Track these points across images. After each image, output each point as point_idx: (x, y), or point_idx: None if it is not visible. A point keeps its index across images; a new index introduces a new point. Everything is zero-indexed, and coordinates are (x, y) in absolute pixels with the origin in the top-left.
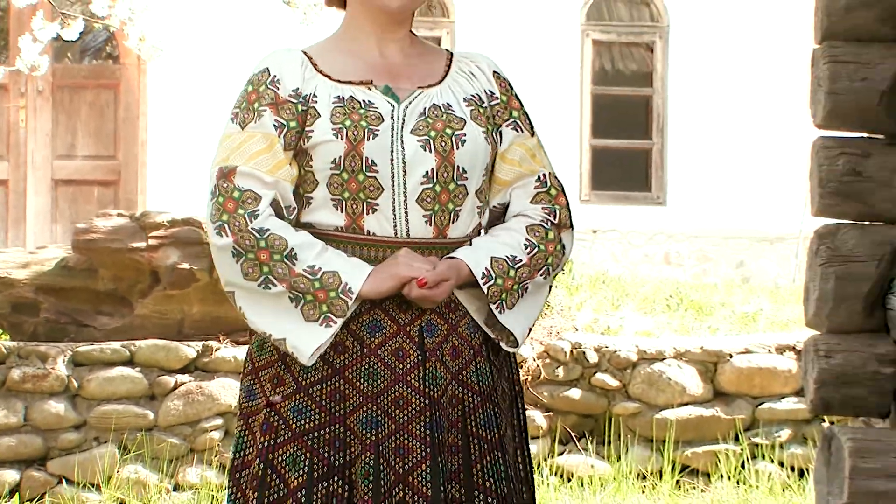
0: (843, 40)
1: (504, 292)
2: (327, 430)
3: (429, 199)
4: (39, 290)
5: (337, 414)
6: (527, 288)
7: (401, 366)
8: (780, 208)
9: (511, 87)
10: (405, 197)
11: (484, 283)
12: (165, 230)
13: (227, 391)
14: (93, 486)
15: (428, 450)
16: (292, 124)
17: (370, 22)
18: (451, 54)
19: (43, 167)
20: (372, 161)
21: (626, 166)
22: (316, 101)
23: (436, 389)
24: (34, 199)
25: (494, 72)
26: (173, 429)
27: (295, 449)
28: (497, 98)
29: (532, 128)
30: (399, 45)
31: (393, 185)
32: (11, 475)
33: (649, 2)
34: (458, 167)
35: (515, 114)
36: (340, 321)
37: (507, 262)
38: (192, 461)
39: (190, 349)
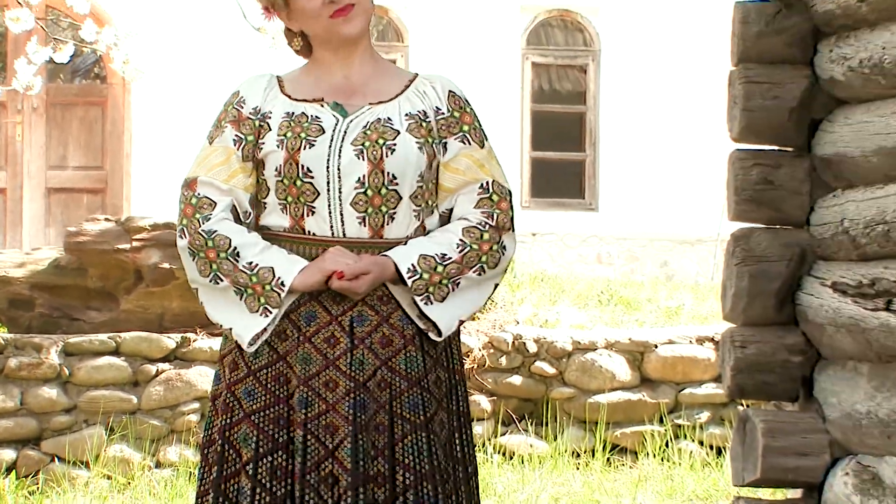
0: (757, 63)
1: (431, 286)
2: (272, 409)
3: (361, 203)
4: (34, 287)
5: (281, 395)
6: (458, 283)
7: (332, 352)
8: (699, 213)
9: (465, 105)
10: (340, 201)
11: (409, 278)
12: (148, 233)
13: (203, 378)
14: (82, 464)
15: (350, 428)
16: (250, 138)
17: (331, 51)
18: (416, 76)
19: (37, 176)
20: (308, 168)
21: (562, 176)
22: (270, 117)
23: (362, 374)
24: (29, 206)
25: (450, 91)
26: (155, 412)
27: (246, 427)
28: (444, 114)
29: (482, 141)
30: (361, 66)
31: (328, 190)
32: (9, 454)
33: (583, 28)
34: (388, 174)
35: (466, 128)
36: (276, 311)
37: (435, 259)
38: (172, 441)
39: (170, 340)
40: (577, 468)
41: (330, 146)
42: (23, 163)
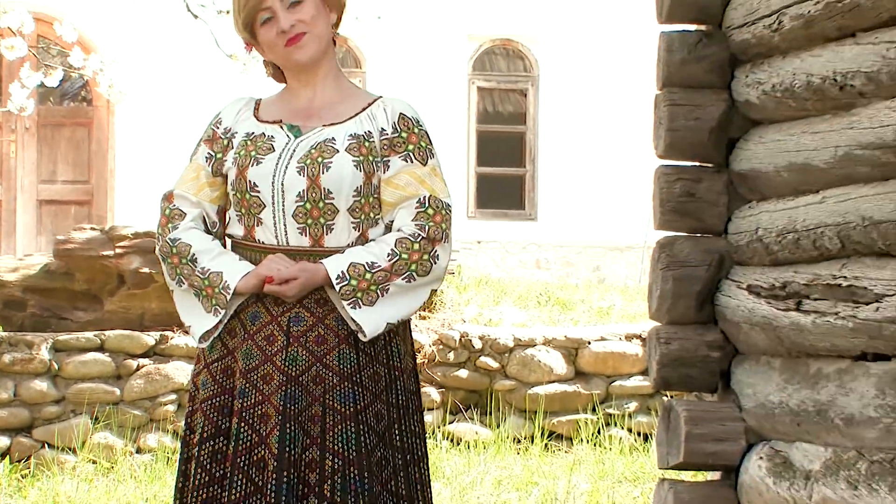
0: (680, 87)
1: (359, 292)
2: (218, 398)
3: (302, 215)
4: (27, 290)
5: (227, 386)
6: (387, 289)
7: (269, 348)
8: (628, 223)
9: (414, 126)
10: (283, 213)
11: (337, 284)
12: (129, 241)
13: (179, 372)
14: (70, 450)
15: (280, 417)
16: (219, 155)
17: (294, 76)
18: (377, 99)
19: (29, 190)
20: (254, 183)
21: (504, 189)
22: (235, 137)
23: (295, 369)
24: (22, 216)
25: (401, 113)
26: (136, 403)
27: (199, 414)
28: (389, 134)
29: (426, 159)
30: (323, 90)
31: (273, 203)
32: (3, 441)
33: (523, 56)
34: (324, 189)
35: (411, 147)
36: (222, 311)
37: (364, 267)
38: (152, 429)
39: (149, 338)
40: (518, 453)
41: (277, 164)
42: (16, 177)
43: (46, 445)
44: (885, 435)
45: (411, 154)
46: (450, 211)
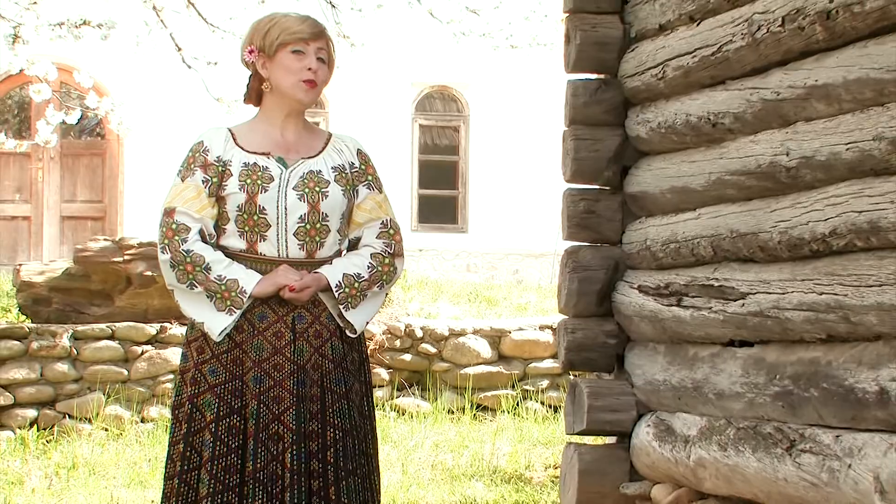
0: (583, 125)
1: (350, 297)
2: (230, 384)
3: (301, 234)
4: (51, 289)
5: (237, 373)
6: (366, 295)
7: (278, 343)
8: (542, 234)
9: (369, 160)
10: (286, 231)
11: (336, 291)
12: (135, 250)
13: (177, 356)
14: (86, 420)
15: (293, 399)
16: (214, 180)
17: (279, 111)
18: (331, 135)
19: (54, 208)
20: (263, 207)
21: (441, 207)
22: (231, 165)
23: (301, 359)
24: (48, 229)
25: (358, 149)
26: (140, 381)
27: (210, 396)
28: (357, 167)
29: (381, 187)
30: (295, 127)
31: (278, 224)
32: (31, 412)
33: (456, 99)
34: (322, 213)
35: (370, 178)
36: (239, 312)
37: (353, 278)
38: (154, 403)
39: (152, 328)
40: (452, 422)
41: (279, 191)
42: (43, 198)
43: (67, 416)
44: (748, 407)
45: (371, 183)
46: (400, 230)
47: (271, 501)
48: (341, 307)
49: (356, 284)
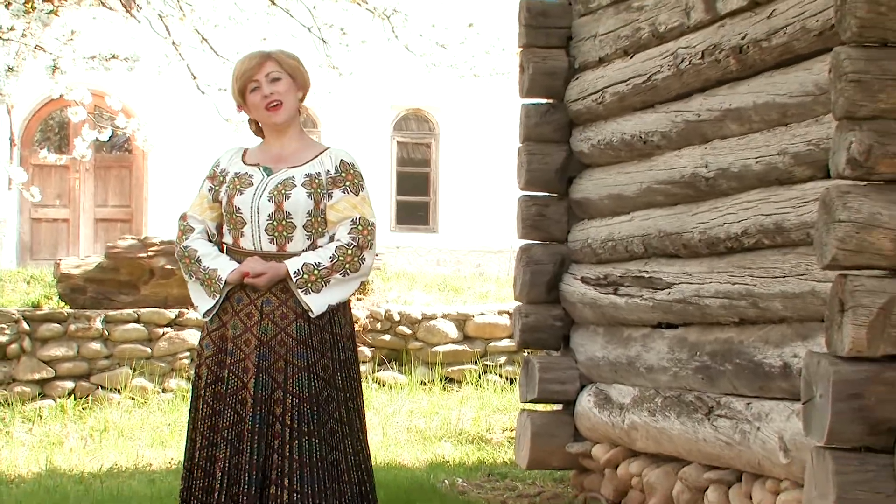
0: (535, 141)
1: (309, 283)
2: (217, 356)
3: (270, 230)
4: (86, 280)
5: (222, 347)
6: (329, 281)
7: (248, 322)
8: (501, 234)
9: (350, 168)
10: (258, 227)
11: (294, 277)
12: (157, 247)
13: (192, 337)
14: (116, 390)
15: (256, 370)
16: (216, 188)
17: (270, 131)
18: (327, 148)
19: (89, 211)
20: (238, 207)
21: (415, 211)
22: (227, 175)
23: (266, 336)
24: (83, 230)
25: (341, 159)
26: (162, 358)
27: (204, 368)
28: (332, 174)
29: (358, 191)
30: (290, 142)
31: (251, 222)
32: (69, 384)
33: (428, 120)
34: (286, 212)
35: (348, 183)
36: (217, 296)
37: (312, 266)
38: (173, 376)
39: (171, 313)
40: (424, 392)
41: (254, 194)
42: (79, 203)
43: (99, 387)
44: (673, 379)
45: (348, 187)
46: (374, 227)
47: (236, 456)
48: (300, 291)
49: (315, 272)
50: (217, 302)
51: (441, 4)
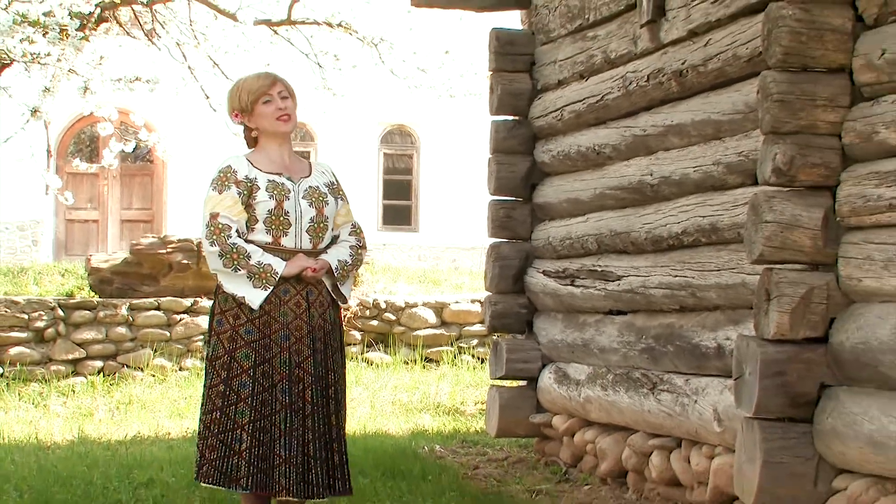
0: (503, 153)
1: (342, 277)
2: (262, 340)
3: (311, 231)
4: (113, 273)
5: (266, 332)
6: (349, 275)
7: (298, 310)
8: (474, 233)
9: (338, 181)
10: (301, 228)
11: (336, 272)
12: (175, 244)
13: (205, 322)
14: (139, 369)
15: (310, 351)
16: (244, 193)
17: (272, 139)
18: (309, 162)
19: (115, 213)
20: (286, 210)
21: (399, 214)
22: (257, 181)
23: (312, 322)
24: (111, 229)
25: (333, 172)
26: (179, 340)
27: (247, 350)
28: (334, 185)
29: (347, 201)
30: (288, 154)
31: (295, 223)
32: (98, 363)
33: (410, 134)
34: (325, 216)
35: (342, 193)
36: (270, 287)
37: (344, 262)
38: (188, 356)
39: (187, 302)
40: (407, 370)
41: (295, 199)
42: (107, 206)
43: (125, 366)
44: (623, 358)
45: (342, 198)
46: (363, 230)
47: (299, 428)
48: (339, 284)
49: (345, 267)
50: (269, 292)
51: (422, 34)
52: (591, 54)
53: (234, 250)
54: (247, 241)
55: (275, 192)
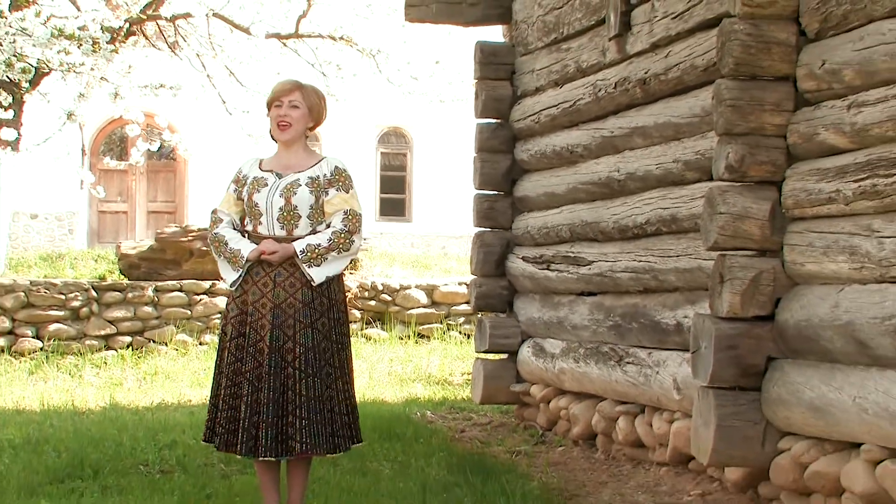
0: (487, 151)
1: (311, 259)
2: (238, 316)
3: (281, 219)
4: (140, 259)
5: (243, 310)
6: (326, 258)
7: (264, 289)
8: (461, 223)
9: (342, 172)
10: (272, 218)
11: (300, 255)
12: (195, 233)
13: (223, 302)
14: (164, 343)
15: (271, 326)
16: (239, 189)
17: (281, 144)
18: (324, 158)
19: (142, 206)
20: (256, 202)
21: (395, 206)
22: (247, 179)
23: (277, 300)
24: (138, 220)
25: (335, 166)
26: (199, 318)
27: (229, 325)
28: (328, 177)
29: (348, 189)
30: (295, 153)
31: (266, 213)
32: (127, 339)
33: (404, 135)
34: (293, 205)
35: (340, 183)
36: (240, 269)
37: (314, 246)
38: (207, 332)
39: (206, 284)
40: (401, 345)
41: (269, 193)
42: (135, 199)
43: (151, 341)
44: (593, 334)
45: (340, 186)
46: (361, 217)
47: (256, 393)
48: (304, 266)
49: (316, 250)
50: (241, 274)
51: (415, 46)
52: (564, 64)
53: (216, 239)
54: (243, 230)
55: (251, 186)
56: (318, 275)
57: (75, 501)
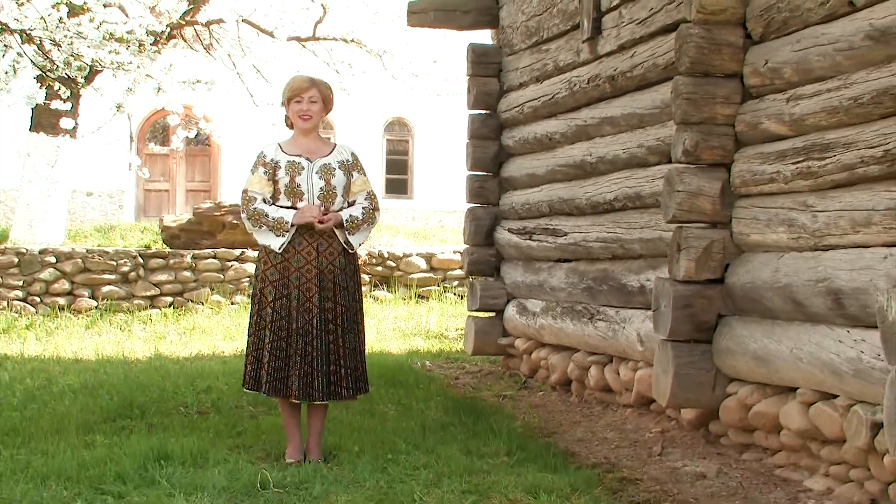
0: (477, 138)
1: (352, 228)
2: (280, 280)
3: (321, 197)
4: (180, 230)
5: (285, 274)
6: (360, 228)
7: (309, 257)
8: (456, 200)
9: (358, 158)
10: (314, 196)
11: (346, 224)
12: (227, 208)
13: (251, 268)
14: (200, 303)
15: (317, 289)
16: (269, 172)
17: (300, 132)
18: (336, 144)
19: (182, 185)
20: (298, 183)
21: (398, 185)
22: (279, 163)
23: (321, 266)
24: (178, 198)
25: (352, 152)
26: (231, 282)
27: (270, 287)
28: (350, 162)
29: (365, 173)
30: (312, 140)
31: (307, 192)
32: (169, 299)
33: (406, 123)
34: (332, 185)
35: (359, 168)
36: (288, 235)
37: (355, 217)
38: (237, 294)
39: (237, 252)
40: (404, 304)
41: (308, 175)
42: (176, 179)
43: (189, 301)
44: (568, 295)
45: (360, 171)
46: (376, 197)
47: (306, 347)
48: (348, 234)
49: (355, 222)
50: (288, 237)
51: (416, 47)
52: (544, 63)
53: (255, 213)
54: (274, 203)
55: (290, 170)
56: (355, 242)
57: (125, 437)
